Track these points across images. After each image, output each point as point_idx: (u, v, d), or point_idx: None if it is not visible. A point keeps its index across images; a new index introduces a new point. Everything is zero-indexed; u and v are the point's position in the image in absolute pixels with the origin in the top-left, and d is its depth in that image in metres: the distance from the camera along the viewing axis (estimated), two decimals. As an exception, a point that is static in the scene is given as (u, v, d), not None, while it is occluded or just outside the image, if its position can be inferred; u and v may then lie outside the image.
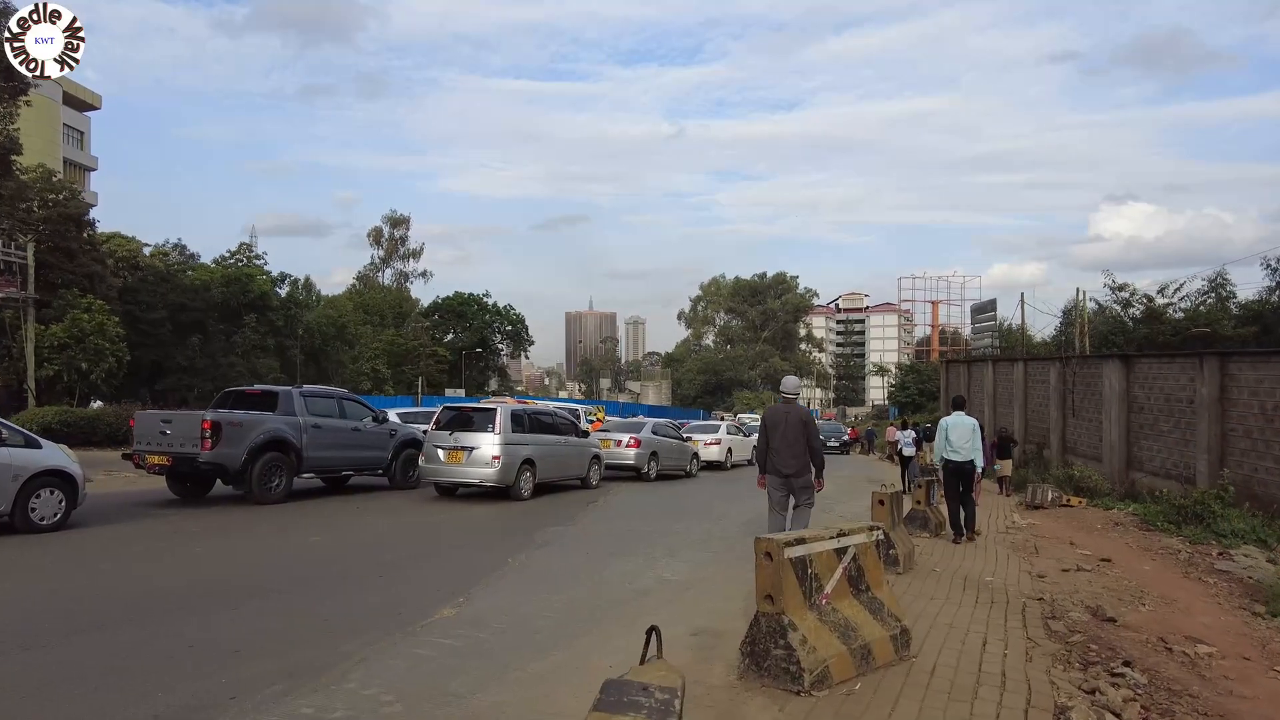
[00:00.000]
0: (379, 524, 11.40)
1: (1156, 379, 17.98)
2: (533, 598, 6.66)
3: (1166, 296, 38.32)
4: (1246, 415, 14.95)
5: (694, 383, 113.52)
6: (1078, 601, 6.42)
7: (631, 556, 8.72)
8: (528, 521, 11.74)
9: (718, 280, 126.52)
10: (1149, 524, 11.89)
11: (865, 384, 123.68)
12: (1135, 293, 39.48)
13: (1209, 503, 11.19)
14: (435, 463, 14.23)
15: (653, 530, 11.04)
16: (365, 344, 72.04)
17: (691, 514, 13.44)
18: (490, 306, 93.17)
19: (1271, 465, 14.31)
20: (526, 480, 14.41)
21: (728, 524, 12.12)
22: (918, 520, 10.95)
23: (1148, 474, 17.81)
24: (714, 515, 13.26)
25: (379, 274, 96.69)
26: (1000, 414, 27.64)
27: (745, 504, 15.37)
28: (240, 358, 53.75)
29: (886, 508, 7.83)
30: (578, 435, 17.22)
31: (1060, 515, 13.87)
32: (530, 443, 14.71)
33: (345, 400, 15.94)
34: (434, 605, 6.33)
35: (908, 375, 63.13)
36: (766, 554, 4.25)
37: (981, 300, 43.78)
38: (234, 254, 62.26)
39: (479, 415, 14.73)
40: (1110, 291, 40.20)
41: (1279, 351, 15.45)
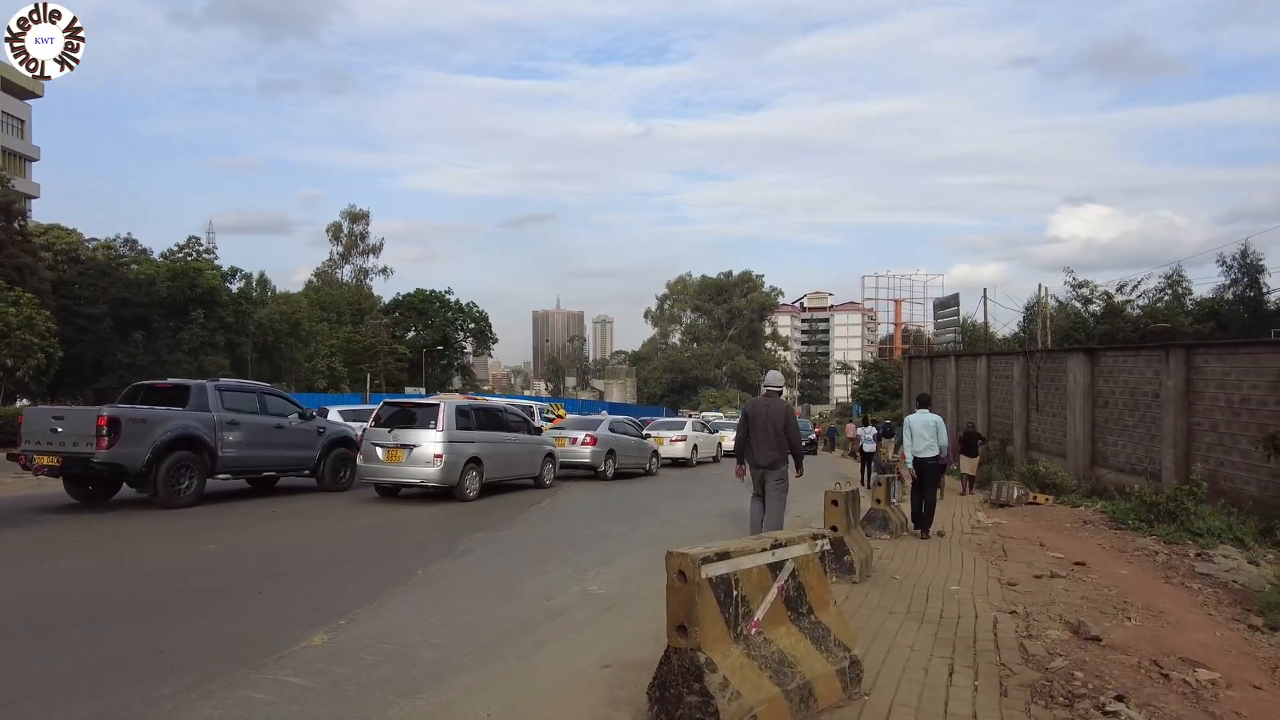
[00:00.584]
0: (290, 530, 10.32)
1: (1121, 372, 17.49)
2: (426, 619, 5.67)
3: (1125, 294, 38.63)
4: (1213, 409, 14.46)
5: (660, 381, 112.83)
6: (1055, 615, 5.61)
7: (559, 565, 7.76)
8: (459, 525, 10.73)
9: (684, 279, 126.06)
10: (1120, 522, 11.24)
11: (830, 382, 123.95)
12: (1095, 290, 39.70)
13: (1182, 500, 10.56)
14: (374, 462, 13.38)
15: (592, 534, 10.11)
16: (321, 341, 69.97)
17: (639, 515, 12.55)
18: (452, 304, 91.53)
19: (1238, 459, 13.82)
20: (472, 480, 13.60)
21: (674, 527, 11.24)
22: (877, 521, 10.16)
23: (1113, 469, 17.32)
24: (662, 517, 12.38)
25: (338, 270, 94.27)
26: (964, 410, 27.16)
27: (698, 503, 14.54)
28: (187, 355, 51.71)
29: (841, 509, 6.96)
30: (529, 432, 16.43)
31: (1027, 514, 13.20)
32: (477, 440, 13.90)
33: (267, 395, 14.72)
34: (307, 629, 5.33)
35: (871, 373, 63.06)
36: (679, 573, 3.33)
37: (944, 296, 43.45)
38: (182, 248, 60.00)
39: (421, 411, 13.87)
40: (1071, 289, 40.37)
41: (1246, 343, 14.99)
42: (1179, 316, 35.00)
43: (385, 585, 6.86)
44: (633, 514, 12.69)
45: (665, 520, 11.97)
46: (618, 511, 13.08)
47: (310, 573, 7.47)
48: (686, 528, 11.17)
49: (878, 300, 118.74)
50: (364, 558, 8.36)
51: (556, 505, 13.58)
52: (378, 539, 9.77)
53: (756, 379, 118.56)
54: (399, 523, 11.24)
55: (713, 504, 14.55)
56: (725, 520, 12.16)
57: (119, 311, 48.27)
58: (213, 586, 6.71)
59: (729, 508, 13.78)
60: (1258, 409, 13.39)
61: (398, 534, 10.23)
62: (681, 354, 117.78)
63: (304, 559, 8.23)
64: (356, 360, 73.19)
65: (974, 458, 17.51)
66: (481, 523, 11.01)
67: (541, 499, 14.16)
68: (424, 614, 5.87)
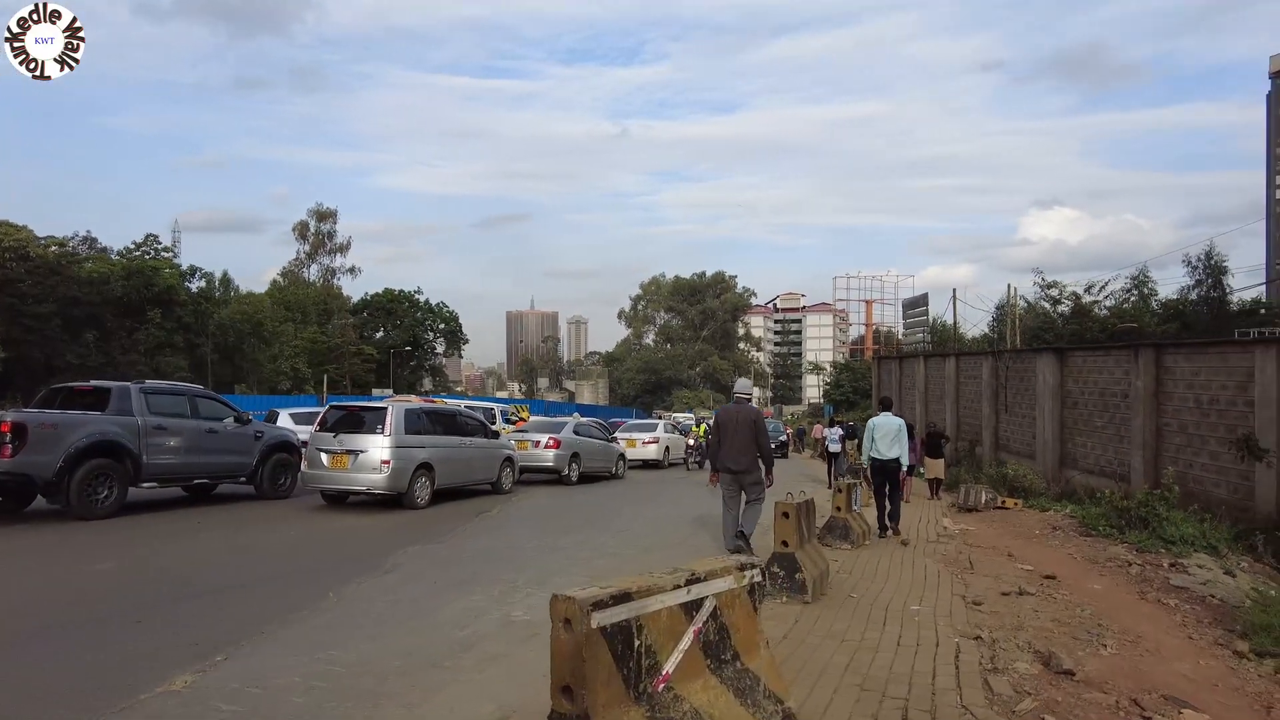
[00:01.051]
0: (209, 544, 9.51)
1: (1091, 372, 17.16)
2: (318, 654, 4.97)
3: (1093, 294, 38.80)
4: (1182, 409, 14.13)
5: (634, 382, 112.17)
6: (1025, 643, 5.05)
7: (488, 585, 7.08)
8: (395, 537, 10.01)
9: (658, 279, 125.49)
10: (1090, 528, 10.79)
11: (802, 383, 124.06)
12: (1064, 290, 39.82)
13: (1154, 505, 10.12)
14: (318, 468, 12.71)
15: (536, 546, 9.43)
16: (285, 342, 68.36)
17: (594, 523, 11.89)
18: (422, 304, 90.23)
19: (1207, 461, 13.49)
20: (423, 487, 12.98)
21: (629, 536, 10.60)
22: (837, 530, 9.59)
23: (1082, 471, 16.98)
24: (617, 525, 11.73)
25: (305, 270, 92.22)
26: (932, 410, 26.85)
27: (660, 509, 13.93)
28: (143, 356, 50.15)
29: (793, 522, 6.35)
30: (487, 436, 15.81)
31: (995, 519, 12.74)
32: (428, 445, 13.30)
33: (200, 398, 13.85)
34: (173, 669, 4.61)
35: (842, 374, 62.94)
36: (564, 621, 2.68)
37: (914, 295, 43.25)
38: (139, 246, 58.27)
39: (368, 415, 13.24)
40: (1040, 289, 40.45)
41: (1215, 342, 14.69)
42: (1145, 317, 35.17)
43: (287, 610, 6.14)
44: (587, 522, 12.04)
45: (620, 529, 11.32)
46: (571, 519, 12.42)
47: (210, 595, 6.71)
48: (641, 537, 10.53)
49: (849, 301, 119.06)
50: (278, 577, 7.61)
51: (507, 513, 12.89)
52: (301, 553, 9.01)
53: (730, 380, 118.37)
54: (331, 534, 10.48)
55: (673, 510, 13.95)
56: (684, 527, 11.56)
57: (69, 311, 46.59)
58: (88, 614, 5.94)
59: (690, 513, 13.19)
60: (1227, 409, 13.06)
61: (325, 547, 9.47)
62: (655, 355, 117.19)
63: (210, 578, 7.47)
64: (322, 361, 71.71)
65: (939, 459, 16.97)
66: (421, 534, 10.29)
67: (493, 506, 13.47)
68: (318, 647, 5.16)
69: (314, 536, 10.26)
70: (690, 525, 11.73)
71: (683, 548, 9.68)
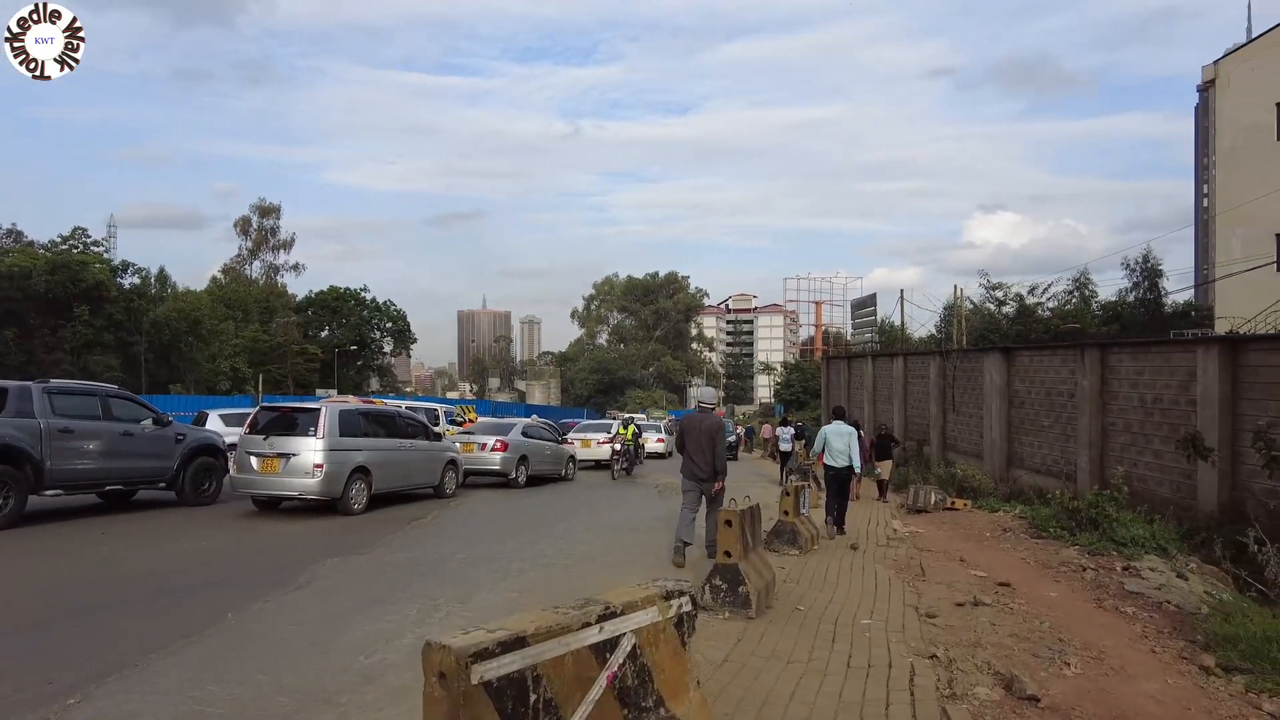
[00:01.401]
0: (107, 557, 8.66)
1: (1037, 372, 17.17)
2: (190, 693, 4.32)
3: (1036, 296, 39.52)
4: (1127, 408, 14.15)
5: (587, 382, 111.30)
6: (983, 662, 4.67)
7: (406, 603, 6.46)
8: (317, 547, 9.31)
9: (611, 279, 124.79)
10: (1040, 530, 10.61)
11: (753, 383, 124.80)
12: (1009, 291, 40.48)
13: (1103, 506, 9.95)
14: (248, 473, 12.13)
15: (467, 557, 8.82)
16: (226, 341, 65.87)
17: (534, 529, 11.31)
18: (369, 302, 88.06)
19: (1151, 460, 13.51)
20: (359, 491, 12.42)
21: (569, 543, 10.04)
22: (785, 535, 9.19)
23: (1030, 471, 16.98)
24: (560, 530, 11.17)
25: (247, 267, 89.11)
26: (880, 410, 26.84)
27: (606, 513, 13.41)
28: (69, 354, 47.69)
29: (736, 531, 5.90)
30: (429, 438, 15.22)
31: (945, 520, 12.52)
32: (365, 448, 12.75)
33: (113, 398, 12.87)
34: (10, 717, 3.92)
35: (792, 374, 63.30)
36: (439, 675, 2.14)
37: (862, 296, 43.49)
38: (66, 239, 55.46)
39: (301, 417, 12.62)
40: (985, 291, 41.08)
41: (1158, 342, 14.76)
42: (1086, 318, 35.93)
43: (174, 634, 5.45)
44: (527, 528, 11.45)
45: (561, 535, 10.75)
46: (512, 525, 11.82)
47: (84, 618, 5.96)
48: (582, 544, 9.99)
49: (799, 302, 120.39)
50: (174, 593, 6.87)
51: (443, 520, 12.23)
52: (210, 566, 8.24)
53: (683, 380, 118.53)
54: (249, 544, 9.71)
55: (621, 514, 13.46)
56: (629, 533, 11.06)
57: (-13, 307, 44.07)
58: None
59: (638, 518, 12.72)
60: (1170, 408, 13.09)
61: (238, 559, 8.71)
62: (608, 355, 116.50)
63: (96, 596, 6.69)
64: (264, 361, 69.37)
65: (886, 460, 16.91)
66: (346, 543, 9.59)
67: (428, 513, 12.79)
68: (197, 681, 4.51)
69: (229, 547, 9.48)
70: (636, 531, 11.25)
71: (624, 555, 9.18)
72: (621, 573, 8.04)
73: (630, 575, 7.82)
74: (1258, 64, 27.34)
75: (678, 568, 8.20)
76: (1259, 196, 25.38)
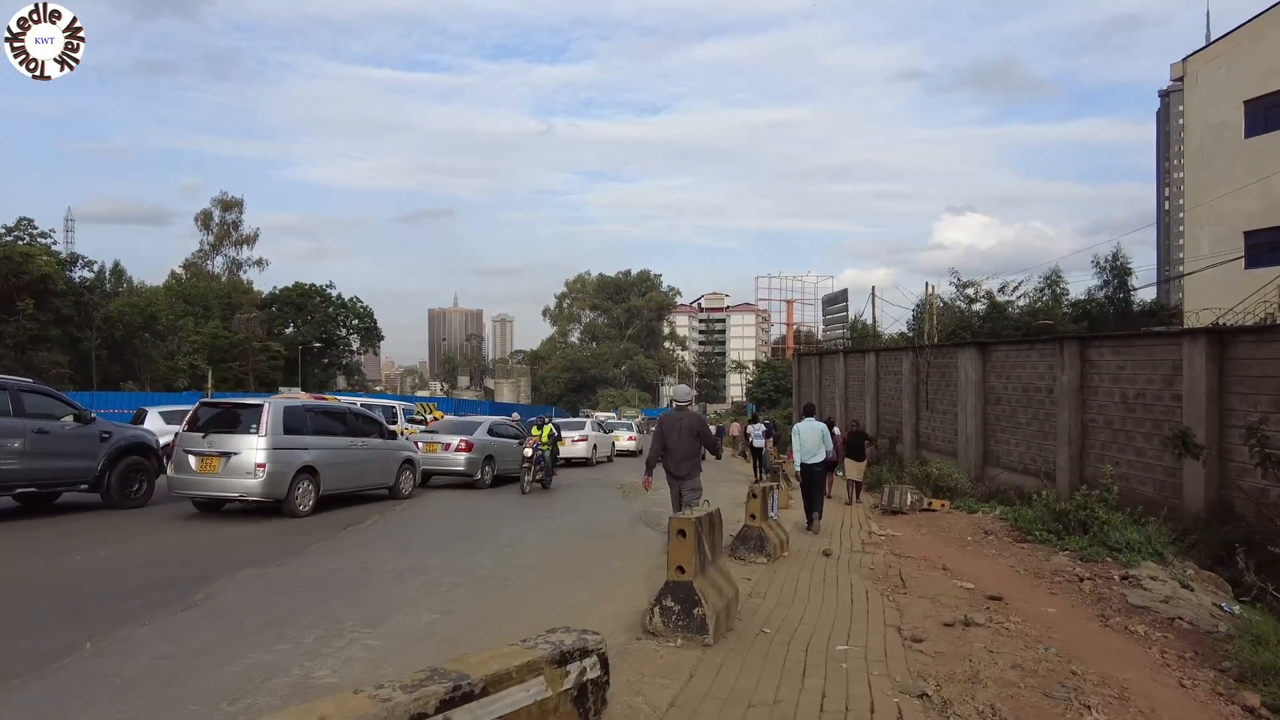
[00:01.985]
0: None
1: (1014, 367, 16.56)
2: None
3: (1006, 294, 39.28)
4: (1108, 404, 13.57)
5: (558, 380, 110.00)
6: (986, 705, 3.84)
7: (306, 628, 5.52)
8: (233, 556, 8.36)
9: (583, 277, 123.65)
10: (1025, 533, 9.90)
11: (725, 381, 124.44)
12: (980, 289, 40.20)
13: (1092, 507, 9.24)
14: (185, 472, 11.38)
15: (396, 569, 7.87)
16: (184, 338, 63.75)
17: (478, 536, 10.40)
18: (334, 299, 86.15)
19: (1133, 458, 12.94)
20: (305, 492, 11.79)
21: (513, 552, 9.14)
22: (751, 541, 8.37)
23: (1006, 469, 16.39)
24: (505, 538, 10.24)
25: (208, 262, 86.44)
26: (852, 408, 26.23)
27: (560, 517, 12.52)
28: (12, 350, 45.61)
29: (690, 541, 5.03)
30: (383, 437, 14.53)
31: (923, 522, 11.79)
32: (312, 446, 12.11)
33: (26, 393, 11.74)
34: None
35: (764, 372, 62.85)
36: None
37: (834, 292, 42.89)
38: (10, 230, 53.18)
39: (244, 413, 11.96)
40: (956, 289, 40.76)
41: (1141, 335, 14.16)
42: (1057, 315, 35.69)
43: (15, 670, 4.48)
44: (473, 533, 10.54)
45: (506, 543, 9.82)
46: (457, 530, 10.89)
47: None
48: (527, 553, 9.08)
49: (771, 301, 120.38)
50: (43, 614, 5.86)
51: (385, 524, 11.28)
52: (104, 580, 7.21)
53: (655, 378, 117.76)
54: (161, 552, 8.69)
55: (579, 517, 12.61)
56: (580, 540, 10.17)
57: (-80, 300, 41.94)
58: None
59: (599, 522, 11.86)
60: (1153, 404, 12.51)
61: (140, 571, 7.68)
62: (580, 353, 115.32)
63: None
64: (224, 358, 67.34)
65: (861, 461, 16.06)
66: (268, 551, 8.65)
67: (368, 517, 11.85)
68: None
69: (139, 556, 8.46)
70: (593, 537, 10.38)
71: (574, 566, 8.30)
72: (570, 587, 7.17)
73: (579, 591, 6.95)
74: (1226, 62, 27.12)
75: None
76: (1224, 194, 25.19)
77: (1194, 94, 28.84)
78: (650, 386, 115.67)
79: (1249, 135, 25.57)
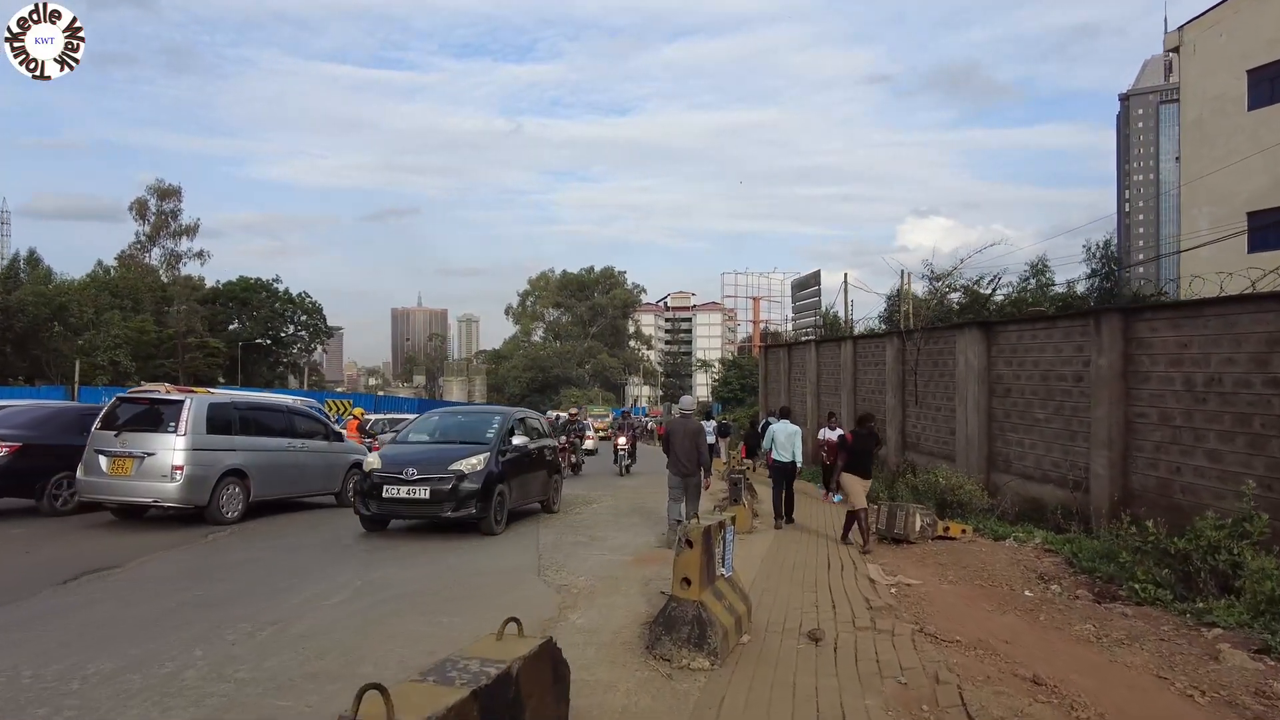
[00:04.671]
0: None
1: (1030, 351, 13.29)
2: None
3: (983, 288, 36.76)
4: (1164, 394, 10.32)
5: (521, 380, 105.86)
6: None
7: None
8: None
9: (547, 275, 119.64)
10: (1096, 576, 6.51)
11: (691, 380, 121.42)
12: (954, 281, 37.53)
13: (1237, 549, 5.82)
14: (95, 475, 10.38)
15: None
16: (105, 332, 58.69)
17: (249, 597, 6.90)
18: (281, 294, 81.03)
19: (1204, 463, 9.72)
20: (233, 498, 10.97)
21: (278, 632, 5.58)
22: (682, 629, 4.72)
23: (1018, 476, 13.14)
24: (300, 598, 6.66)
25: (145, 254, 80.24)
26: (825, 405, 22.89)
27: (423, 557, 8.84)
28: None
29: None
30: (328, 438, 13.45)
31: (941, 557, 8.30)
32: (241, 448, 11.26)
33: None
34: None
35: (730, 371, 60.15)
36: None
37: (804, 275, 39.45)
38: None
39: (165, 410, 10.88)
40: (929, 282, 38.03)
41: (1214, 301, 10.81)
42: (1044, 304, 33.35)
43: None
44: (244, 595, 6.99)
45: (304, 603, 6.25)
46: (241, 584, 7.34)
47: None
48: (323, 633, 5.55)
49: (737, 299, 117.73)
50: None
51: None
52: None
53: (620, 378, 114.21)
54: None
55: (455, 558, 9.01)
56: (429, 599, 6.62)
57: None
58: None
59: (473, 567, 8.30)
60: (1235, 392, 9.28)
61: None
62: (543, 351, 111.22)
63: None
64: (153, 355, 62.36)
65: (868, 479, 10.70)
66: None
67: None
68: None
69: None
70: (440, 597, 6.82)
71: (387, 670, 4.75)
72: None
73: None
74: (1226, 29, 24.46)
75: None
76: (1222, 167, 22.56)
77: (1190, 64, 26.12)
78: (615, 386, 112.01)
79: (1253, 107, 22.91)
